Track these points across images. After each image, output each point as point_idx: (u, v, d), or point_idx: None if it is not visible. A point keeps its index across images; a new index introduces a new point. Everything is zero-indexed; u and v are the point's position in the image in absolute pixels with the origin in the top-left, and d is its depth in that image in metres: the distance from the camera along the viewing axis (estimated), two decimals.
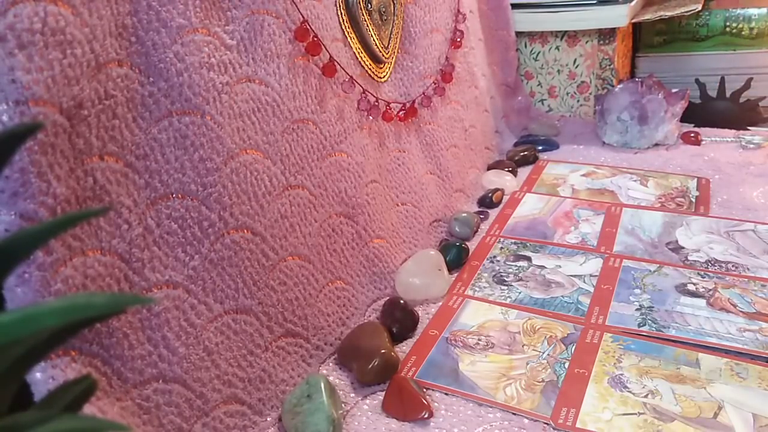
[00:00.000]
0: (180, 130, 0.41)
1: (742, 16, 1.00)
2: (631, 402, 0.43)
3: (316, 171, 0.52)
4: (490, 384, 0.45)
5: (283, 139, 0.49)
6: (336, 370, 0.48)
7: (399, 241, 0.61)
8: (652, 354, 0.47)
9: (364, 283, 0.55)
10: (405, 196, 0.64)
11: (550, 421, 0.42)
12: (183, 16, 0.41)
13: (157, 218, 0.40)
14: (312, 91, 0.52)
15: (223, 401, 0.41)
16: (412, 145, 0.67)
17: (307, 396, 0.42)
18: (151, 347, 0.38)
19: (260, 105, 0.47)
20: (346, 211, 0.55)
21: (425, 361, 0.48)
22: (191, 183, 0.41)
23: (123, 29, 0.38)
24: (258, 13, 0.47)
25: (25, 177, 0.32)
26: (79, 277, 0.34)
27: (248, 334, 0.44)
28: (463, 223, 0.67)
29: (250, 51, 0.46)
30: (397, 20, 0.66)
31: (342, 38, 0.58)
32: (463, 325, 0.52)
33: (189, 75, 0.41)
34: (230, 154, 0.44)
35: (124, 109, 0.38)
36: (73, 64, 0.34)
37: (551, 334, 0.51)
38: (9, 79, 0.31)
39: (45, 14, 0.32)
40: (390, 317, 0.52)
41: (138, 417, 0.37)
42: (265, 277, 0.46)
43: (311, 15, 0.52)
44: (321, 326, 0.50)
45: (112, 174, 0.38)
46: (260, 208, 0.46)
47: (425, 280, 0.56)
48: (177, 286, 0.40)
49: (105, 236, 0.37)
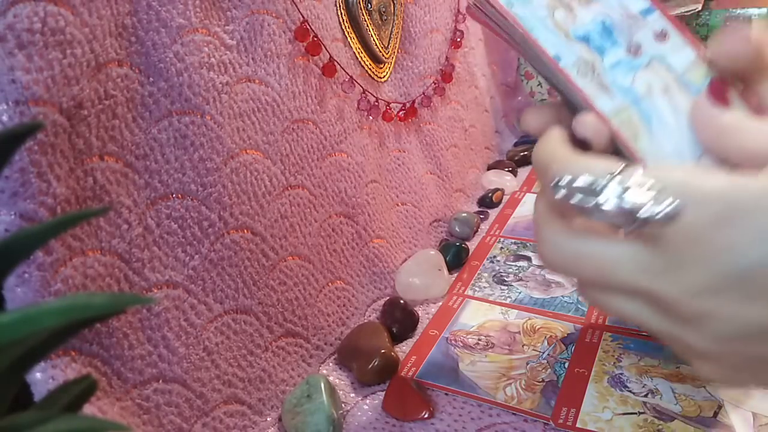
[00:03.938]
0: (180, 130, 0.41)
1: (742, 16, 1.00)
2: (631, 401, 0.43)
3: (316, 171, 0.52)
4: (490, 384, 0.45)
5: (283, 139, 0.49)
6: (336, 370, 0.48)
7: (399, 241, 0.61)
8: (651, 353, 0.47)
9: (364, 283, 0.55)
10: (405, 196, 0.64)
11: (550, 421, 0.42)
12: (183, 16, 0.41)
13: (157, 218, 0.40)
14: (312, 91, 0.52)
15: (223, 401, 0.41)
16: (412, 145, 0.67)
17: (307, 396, 0.42)
18: (151, 347, 0.38)
19: (260, 105, 0.47)
20: (346, 211, 0.55)
21: (425, 361, 0.48)
22: (191, 183, 0.41)
23: (123, 29, 0.38)
24: (258, 13, 0.47)
25: (25, 177, 0.32)
26: (79, 277, 0.34)
27: (248, 334, 0.44)
28: (463, 223, 0.67)
29: (250, 51, 0.46)
30: (397, 20, 0.66)
31: (342, 38, 0.58)
32: (463, 325, 0.52)
33: (189, 75, 0.41)
34: (230, 154, 0.44)
35: (124, 109, 0.38)
36: (72, 64, 0.34)
37: (551, 333, 0.51)
38: (9, 79, 0.31)
39: (45, 14, 0.32)
40: (390, 317, 0.52)
41: (138, 417, 0.37)
42: (265, 277, 0.46)
43: (311, 15, 0.52)
44: (321, 326, 0.50)
45: (112, 174, 0.38)
46: (260, 208, 0.46)
47: (425, 280, 0.56)
48: (177, 286, 0.40)
49: (105, 236, 0.37)
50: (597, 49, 0.34)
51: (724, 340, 0.26)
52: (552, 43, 0.33)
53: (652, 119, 0.32)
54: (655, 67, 0.34)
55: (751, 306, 0.25)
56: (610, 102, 0.32)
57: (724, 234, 0.24)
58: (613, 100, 0.32)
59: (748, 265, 0.24)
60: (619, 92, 0.33)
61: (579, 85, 0.33)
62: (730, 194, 0.25)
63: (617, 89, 0.33)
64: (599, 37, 0.34)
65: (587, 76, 0.33)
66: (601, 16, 0.34)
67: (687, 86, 0.34)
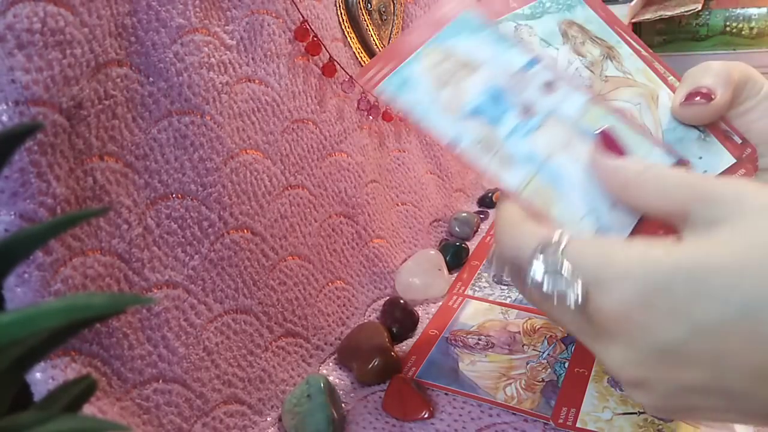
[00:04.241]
0: (180, 130, 0.41)
1: (742, 15, 1.00)
2: (631, 401, 0.43)
3: (316, 171, 0.52)
4: (490, 384, 0.45)
5: (282, 138, 0.49)
6: (336, 370, 0.48)
7: (399, 241, 0.61)
8: None
9: (364, 283, 0.55)
10: (405, 195, 0.64)
11: (550, 421, 0.42)
12: (182, 16, 0.41)
13: (157, 218, 0.40)
14: (312, 91, 0.52)
15: (223, 401, 0.41)
16: (412, 145, 0.67)
17: (307, 396, 0.42)
18: (150, 347, 0.38)
19: (260, 105, 0.47)
20: (346, 211, 0.55)
21: (425, 361, 0.48)
22: (191, 183, 0.41)
23: (122, 29, 0.38)
24: (258, 13, 0.47)
25: (24, 177, 0.32)
26: (78, 277, 0.34)
27: (248, 334, 0.44)
28: (463, 223, 0.67)
29: (249, 51, 0.46)
30: (397, 20, 0.66)
31: (342, 38, 0.58)
32: (463, 324, 0.52)
33: (189, 75, 0.41)
34: (230, 154, 0.44)
35: (124, 109, 0.38)
36: (72, 64, 0.34)
37: (551, 333, 0.51)
38: (8, 79, 0.31)
39: (44, 14, 0.32)
40: (390, 317, 0.52)
41: (138, 417, 0.37)
42: (265, 277, 0.46)
43: (311, 15, 0.52)
44: (321, 326, 0.50)
45: (112, 174, 0.38)
46: (260, 208, 0.46)
47: (425, 280, 0.56)
48: (177, 286, 0.40)
49: (105, 236, 0.37)
50: (491, 121, 0.32)
51: (662, 397, 0.27)
52: (447, 127, 0.31)
53: (560, 181, 0.31)
54: (550, 123, 0.32)
55: (684, 371, 0.25)
56: (516, 175, 0.31)
57: (640, 314, 0.25)
58: (519, 172, 0.31)
59: (668, 342, 0.25)
60: (521, 161, 0.31)
61: (483, 165, 0.31)
62: (641, 276, 0.25)
63: (519, 158, 0.31)
64: (490, 107, 0.32)
65: (489, 153, 0.31)
66: (488, 83, 0.33)
67: (585, 133, 0.32)
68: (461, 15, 0.35)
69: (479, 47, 0.34)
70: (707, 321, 0.24)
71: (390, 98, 0.32)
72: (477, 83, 0.33)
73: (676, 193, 0.27)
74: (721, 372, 0.25)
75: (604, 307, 0.26)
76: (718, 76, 0.34)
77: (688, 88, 0.35)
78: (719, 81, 0.34)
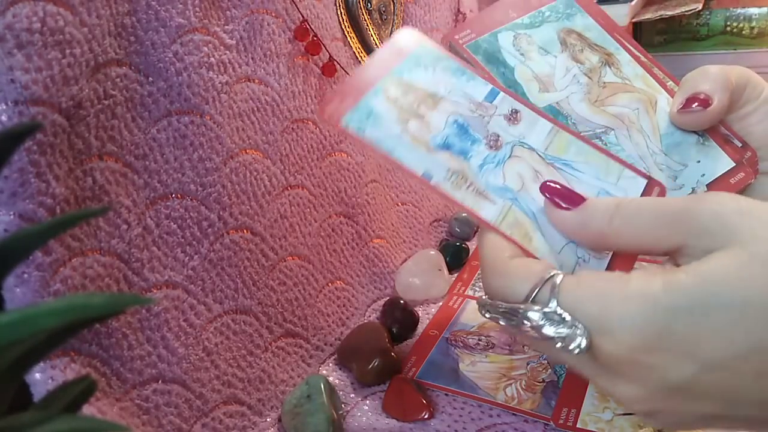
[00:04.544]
0: (179, 129, 0.41)
1: (742, 15, 1.00)
2: None
3: (315, 171, 0.52)
4: (490, 384, 0.45)
5: (282, 138, 0.49)
6: (336, 370, 0.48)
7: (399, 241, 0.61)
8: None
9: (364, 283, 0.55)
10: (405, 195, 0.64)
11: (551, 422, 0.42)
12: (182, 16, 0.41)
13: (157, 218, 0.40)
14: (312, 91, 0.52)
15: (222, 402, 0.41)
16: None
17: (306, 396, 0.42)
18: (150, 347, 0.38)
19: (260, 105, 0.47)
20: (346, 211, 0.55)
21: (425, 361, 0.48)
22: (190, 183, 0.41)
23: (122, 29, 0.38)
24: (257, 13, 0.47)
25: (24, 177, 0.32)
26: (78, 277, 0.34)
27: (248, 335, 0.44)
28: (464, 223, 0.67)
29: (249, 50, 0.46)
30: (397, 20, 0.66)
31: (342, 38, 0.58)
32: (464, 325, 0.52)
33: (188, 75, 0.41)
34: (230, 154, 0.44)
35: (123, 109, 0.38)
36: (72, 63, 0.34)
37: None
38: (8, 79, 0.31)
39: (44, 14, 0.32)
40: (390, 317, 0.52)
41: (137, 417, 0.36)
42: (265, 277, 0.46)
43: (311, 14, 0.52)
44: (321, 326, 0.50)
45: (111, 174, 0.38)
46: (260, 208, 0.46)
47: (425, 280, 0.56)
48: (176, 286, 0.40)
49: (104, 236, 0.37)
50: (461, 153, 0.31)
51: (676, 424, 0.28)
52: (417, 161, 0.31)
53: (535, 212, 0.31)
54: (518, 153, 0.32)
55: (696, 404, 0.26)
56: (492, 207, 0.30)
57: (647, 357, 0.25)
58: (495, 205, 0.31)
59: (679, 381, 0.25)
60: (496, 194, 0.31)
61: (458, 199, 0.30)
62: (642, 321, 0.25)
63: (493, 191, 0.31)
64: (458, 140, 0.32)
65: (462, 187, 0.31)
66: (453, 115, 0.32)
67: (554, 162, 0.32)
68: (418, 47, 0.35)
69: (440, 79, 0.34)
70: (716, 357, 0.24)
71: (355, 133, 0.31)
72: (442, 116, 0.32)
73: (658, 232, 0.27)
74: (734, 403, 0.25)
75: (609, 351, 0.26)
76: (715, 81, 0.34)
77: (685, 95, 0.35)
78: (717, 86, 0.34)
